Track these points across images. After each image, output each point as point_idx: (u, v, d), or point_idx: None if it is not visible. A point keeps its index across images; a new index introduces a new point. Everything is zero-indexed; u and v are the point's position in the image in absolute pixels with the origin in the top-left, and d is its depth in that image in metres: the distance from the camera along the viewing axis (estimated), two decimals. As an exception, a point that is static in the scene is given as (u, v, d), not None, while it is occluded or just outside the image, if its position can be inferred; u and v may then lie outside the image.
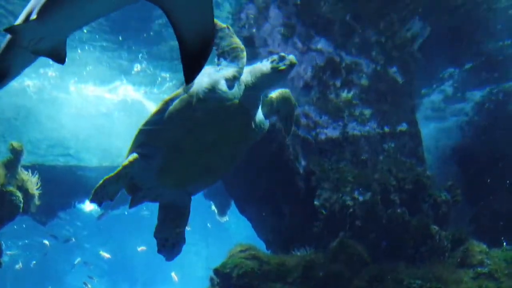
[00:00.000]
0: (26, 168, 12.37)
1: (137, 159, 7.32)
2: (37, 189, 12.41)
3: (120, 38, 13.76)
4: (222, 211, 19.73)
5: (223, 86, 7.06)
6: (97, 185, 7.15)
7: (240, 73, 7.21)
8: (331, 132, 11.87)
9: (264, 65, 7.39)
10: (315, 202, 11.08)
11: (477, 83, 15.74)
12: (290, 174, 11.52)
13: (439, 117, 17.79)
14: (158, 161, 7.39)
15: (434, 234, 10.75)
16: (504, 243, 12.02)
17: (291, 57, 7.33)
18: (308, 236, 11.11)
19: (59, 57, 4.37)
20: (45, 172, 13.74)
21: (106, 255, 36.62)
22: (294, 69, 7.60)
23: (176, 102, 7.16)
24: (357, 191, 10.93)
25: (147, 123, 7.40)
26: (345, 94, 12.03)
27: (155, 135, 7.32)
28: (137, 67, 15.61)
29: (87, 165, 21.09)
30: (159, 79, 16.42)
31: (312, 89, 11.91)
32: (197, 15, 3.44)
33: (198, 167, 7.61)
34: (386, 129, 12.20)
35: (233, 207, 17.69)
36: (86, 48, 14.32)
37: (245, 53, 7.37)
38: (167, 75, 16.14)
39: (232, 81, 7.13)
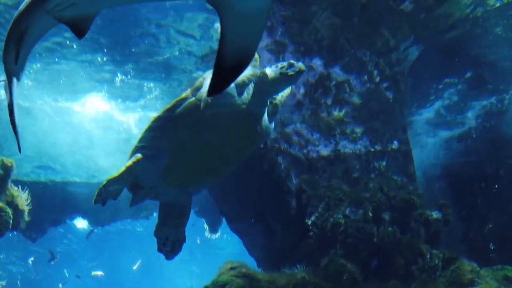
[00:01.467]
0: (16, 183, 12.30)
1: (141, 159, 7.30)
2: (27, 205, 12.33)
3: (105, 50, 13.62)
4: (214, 228, 19.70)
5: (232, 90, 7.06)
6: (101, 185, 7.13)
7: (250, 80, 7.22)
8: (323, 150, 11.88)
9: (273, 71, 7.43)
10: (306, 220, 11.06)
11: (478, 94, 15.63)
12: (281, 192, 11.50)
13: (445, 124, 17.53)
14: (162, 162, 7.39)
15: (425, 253, 10.74)
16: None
17: (300, 64, 7.42)
18: (299, 254, 11.06)
19: (81, 30, 3.98)
20: (35, 188, 13.67)
21: (99, 273, 36.32)
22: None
23: (184, 104, 7.16)
24: (348, 209, 10.91)
25: (153, 124, 7.40)
26: (336, 112, 12.06)
27: (161, 136, 7.32)
28: (120, 77, 15.29)
29: (76, 181, 21.00)
30: (145, 89, 16.14)
31: (304, 107, 11.94)
32: (248, 32, 3.53)
33: (202, 169, 7.63)
34: (378, 147, 12.22)
35: (224, 224, 17.65)
36: (65, 56, 14.04)
37: (258, 63, 7.40)
38: (151, 84, 15.85)
39: (241, 87, 7.14)
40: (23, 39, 4.03)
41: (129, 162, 7.31)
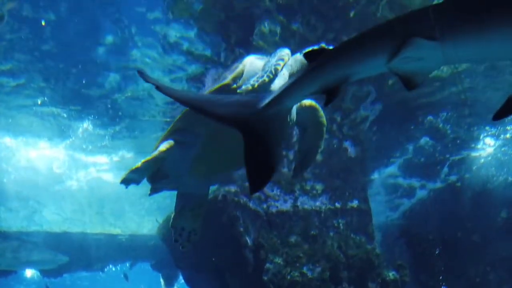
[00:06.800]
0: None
1: (173, 146, 7.08)
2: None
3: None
4: (170, 283, 19.26)
5: (274, 80, 6.91)
6: (131, 169, 6.87)
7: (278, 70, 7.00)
8: (282, 205, 11.83)
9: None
10: (264, 277, 10.87)
11: (440, 153, 15.65)
12: (239, 246, 11.33)
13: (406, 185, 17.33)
14: (195, 149, 7.16)
15: (382, 313, 10.65)
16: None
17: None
18: (255, 312, 10.83)
19: (414, 84, 3.62)
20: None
21: None
22: None
23: (225, 91, 6.98)
24: (306, 266, 10.80)
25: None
26: (297, 168, 12.07)
27: (197, 122, 7.08)
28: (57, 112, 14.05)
29: (29, 231, 20.31)
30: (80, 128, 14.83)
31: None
32: None
33: (229, 158, 7.38)
34: (337, 205, 12.25)
35: (180, 279, 17.24)
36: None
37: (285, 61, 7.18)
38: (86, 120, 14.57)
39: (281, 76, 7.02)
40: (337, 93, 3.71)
41: (162, 147, 7.06)
